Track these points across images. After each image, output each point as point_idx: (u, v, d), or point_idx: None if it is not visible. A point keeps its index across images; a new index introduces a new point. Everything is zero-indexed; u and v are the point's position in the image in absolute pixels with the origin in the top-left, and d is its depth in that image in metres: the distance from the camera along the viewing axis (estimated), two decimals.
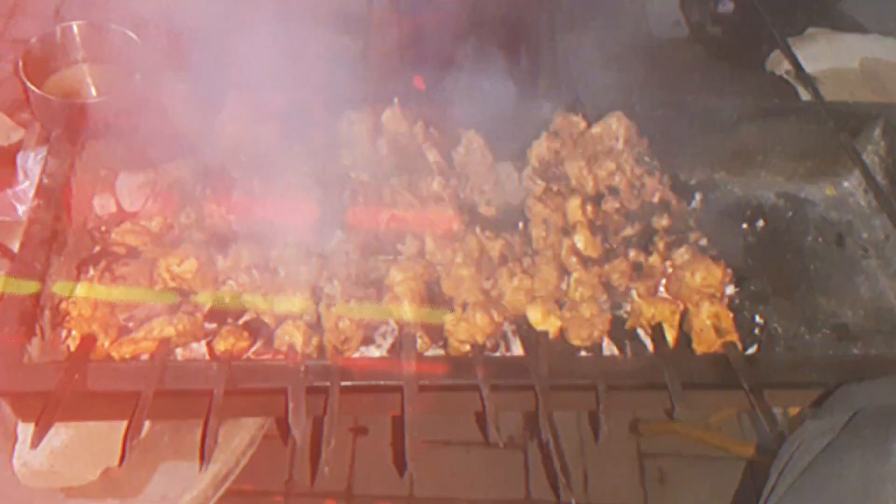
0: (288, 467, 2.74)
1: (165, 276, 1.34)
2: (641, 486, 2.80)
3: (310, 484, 2.25)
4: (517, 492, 2.75)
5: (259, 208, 1.45)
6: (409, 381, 1.27)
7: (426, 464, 3.05)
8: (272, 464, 2.72)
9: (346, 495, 2.70)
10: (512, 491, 2.75)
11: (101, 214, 1.58)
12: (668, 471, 2.85)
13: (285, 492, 2.70)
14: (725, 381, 1.33)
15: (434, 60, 1.67)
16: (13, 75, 2.01)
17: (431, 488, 2.74)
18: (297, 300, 1.34)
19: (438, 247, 1.44)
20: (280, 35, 1.54)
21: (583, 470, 2.82)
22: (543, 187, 1.52)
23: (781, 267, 1.69)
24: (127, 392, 1.23)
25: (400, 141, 1.57)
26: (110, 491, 1.43)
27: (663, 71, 4.03)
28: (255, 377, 1.28)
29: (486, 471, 2.77)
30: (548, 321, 1.37)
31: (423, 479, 2.74)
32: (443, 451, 2.81)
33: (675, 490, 2.80)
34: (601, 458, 2.86)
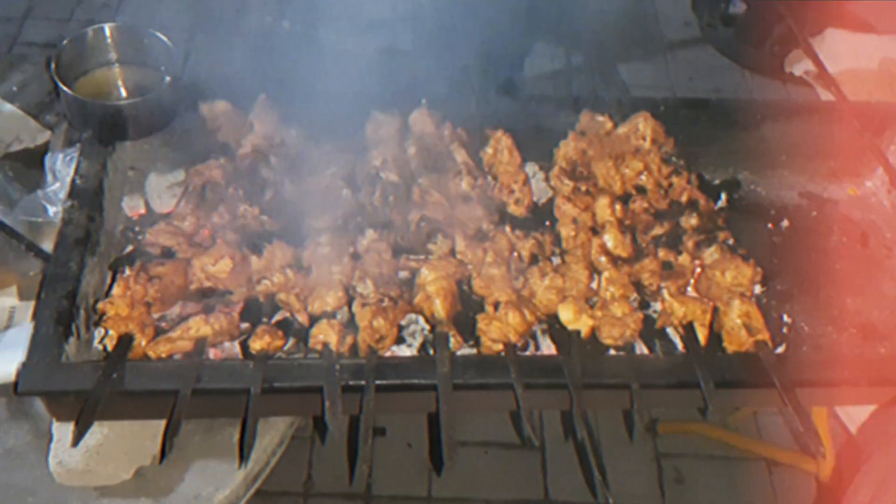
0: (306, 467, 2.75)
1: (200, 275, 1.35)
2: (659, 487, 2.80)
3: (348, 482, 2.25)
4: (535, 492, 2.76)
5: (291, 208, 1.46)
6: (444, 379, 1.27)
7: None
8: (291, 464, 2.73)
9: (364, 496, 2.71)
10: (530, 491, 2.76)
11: (129, 215, 1.60)
12: (685, 471, 2.85)
13: (304, 492, 2.71)
14: (757, 379, 1.34)
15: (463, 61, 1.68)
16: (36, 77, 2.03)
17: (449, 489, 2.75)
18: (330, 299, 1.35)
19: (468, 246, 1.44)
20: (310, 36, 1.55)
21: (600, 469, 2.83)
22: (572, 187, 1.52)
23: (807, 266, 1.69)
24: (165, 391, 1.24)
25: (427, 141, 1.58)
26: (143, 490, 1.44)
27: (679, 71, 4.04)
28: (291, 376, 1.29)
29: (504, 471, 2.77)
30: (580, 320, 1.37)
31: (442, 480, 2.75)
32: (460, 452, 2.82)
33: (692, 490, 2.81)
34: (619, 458, 2.86)
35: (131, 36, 1.60)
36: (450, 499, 2.74)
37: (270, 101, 1.59)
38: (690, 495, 2.79)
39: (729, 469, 2.85)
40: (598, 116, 1.66)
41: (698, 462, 2.87)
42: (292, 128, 1.57)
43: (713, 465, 2.86)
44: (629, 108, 1.70)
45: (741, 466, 2.85)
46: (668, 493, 2.78)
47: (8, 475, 1.41)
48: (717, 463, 2.86)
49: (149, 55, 1.59)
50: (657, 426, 2.93)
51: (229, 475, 1.47)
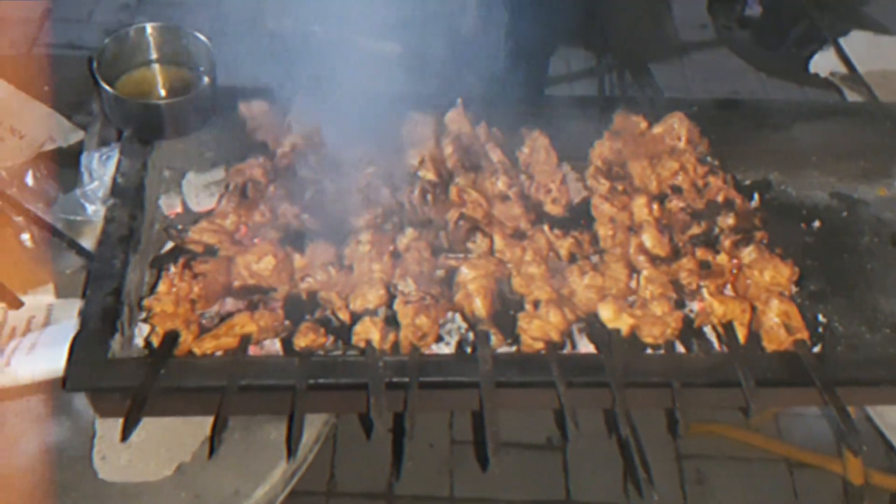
0: (329, 467, 2.76)
1: (244, 273, 1.36)
2: (680, 487, 2.81)
3: (395, 478, 2.26)
4: (556, 493, 2.76)
5: (330, 207, 1.47)
6: (486, 377, 1.28)
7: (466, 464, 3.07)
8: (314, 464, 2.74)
9: (386, 495, 2.72)
10: (551, 492, 2.77)
11: (167, 214, 1.61)
12: (707, 472, 2.86)
13: (327, 492, 2.72)
14: (797, 378, 1.35)
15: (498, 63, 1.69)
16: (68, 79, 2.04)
17: (471, 489, 2.76)
18: (371, 297, 1.36)
19: (507, 245, 1.45)
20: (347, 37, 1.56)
21: (622, 471, 2.83)
22: (608, 186, 1.53)
23: (839, 266, 1.70)
24: (211, 387, 1.25)
25: (464, 141, 1.59)
26: (183, 486, 1.45)
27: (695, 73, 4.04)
28: (335, 372, 1.30)
29: (525, 472, 2.78)
30: (620, 319, 1.38)
31: (463, 480, 2.76)
32: None
33: (713, 491, 2.81)
34: None
35: (171, 36, 1.61)
36: (472, 499, 2.75)
37: (309, 101, 1.60)
38: (711, 496, 2.80)
39: (750, 470, 2.86)
40: (632, 116, 1.67)
41: (720, 463, 2.87)
42: (330, 127, 1.58)
43: (734, 467, 2.86)
44: (662, 108, 1.71)
45: (762, 468, 2.86)
46: (690, 493, 2.79)
47: (49, 471, 1.43)
48: (739, 464, 2.87)
49: (188, 55, 1.60)
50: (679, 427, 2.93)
51: (268, 472, 1.48)
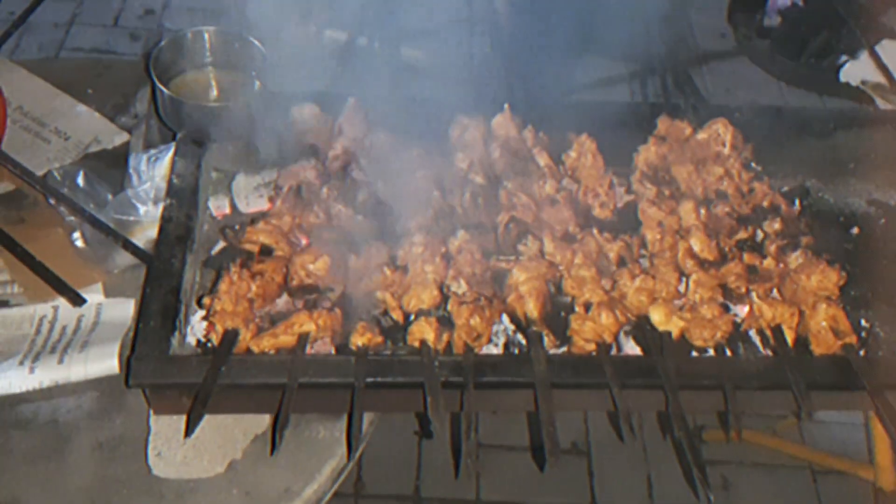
0: (356, 469, 2.78)
1: (301, 273, 1.38)
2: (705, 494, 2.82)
3: (454, 476, 2.27)
4: (582, 497, 2.78)
5: (383, 209, 1.49)
6: (542, 378, 1.30)
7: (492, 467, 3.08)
8: None
9: (413, 498, 2.74)
10: (577, 496, 2.78)
11: (215, 215, 1.63)
12: (732, 478, 2.87)
13: (355, 493, 2.74)
14: (847, 382, 1.36)
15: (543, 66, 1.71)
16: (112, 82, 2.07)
17: (498, 493, 2.77)
18: (425, 297, 1.37)
19: (557, 248, 1.47)
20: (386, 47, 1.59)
21: (646, 475, 2.84)
22: (655, 191, 1.55)
23: (879, 273, 1.71)
24: (272, 385, 1.27)
25: (511, 145, 1.61)
26: (235, 483, 1.46)
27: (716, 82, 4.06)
28: (392, 371, 1.31)
29: (551, 476, 2.79)
30: (671, 322, 1.40)
31: (490, 484, 2.78)
32: (508, 457, 2.85)
33: (738, 497, 2.82)
34: (665, 464, 2.88)
35: (226, 40, 1.64)
36: (498, 502, 2.76)
37: (359, 106, 1.62)
38: (735, 501, 2.81)
39: (774, 477, 2.87)
40: (676, 122, 1.69)
41: (744, 469, 2.88)
42: (380, 132, 1.60)
43: (759, 473, 2.87)
44: (705, 114, 1.73)
45: (786, 474, 2.87)
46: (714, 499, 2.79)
47: (102, 467, 1.44)
48: (763, 470, 2.88)
49: (241, 59, 1.63)
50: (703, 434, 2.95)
51: (318, 469, 1.50)
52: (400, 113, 1.62)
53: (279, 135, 1.64)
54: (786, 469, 2.90)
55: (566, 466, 2.84)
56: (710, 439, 2.94)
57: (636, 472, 2.87)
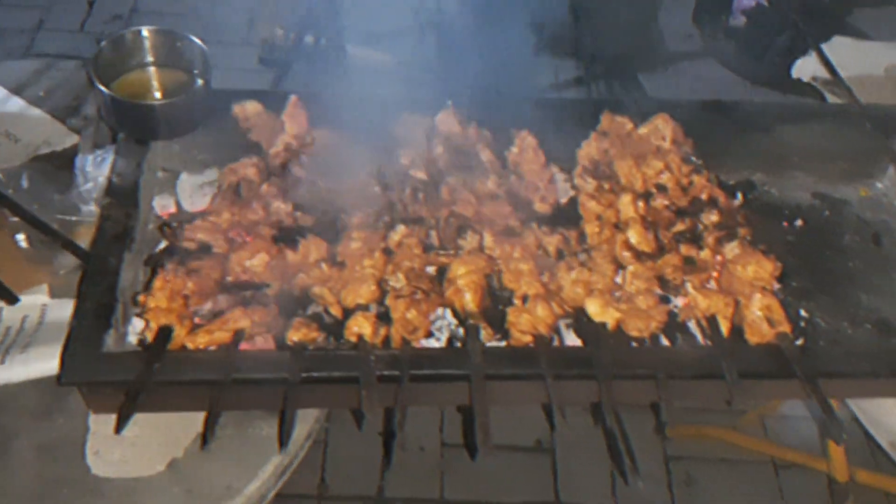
0: (320, 471, 2.77)
1: (237, 269, 1.38)
2: (668, 489, 2.84)
3: (386, 468, 2.28)
4: (546, 494, 2.79)
5: (323, 205, 1.50)
6: (476, 370, 1.30)
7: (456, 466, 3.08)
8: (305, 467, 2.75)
9: (377, 498, 2.73)
10: (540, 494, 2.79)
11: (160, 214, 1.63)
12: (695, 473, 2.89)
13: (318, 495, 2.73)
14: (780, 370, 1.38)
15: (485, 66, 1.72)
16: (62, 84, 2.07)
17: (462, 491, 2.78)
18: (363, 292, 1.38)
19: (497, 242, 1.48)
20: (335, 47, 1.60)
21: (609, 472, 2.86)
22: (595, 185, 1.57)
23: (821, 264, 1.73)
24: (205, 381, 1.27)
25: (454, 141, 1.62)
26: (176, 481, 1.46)
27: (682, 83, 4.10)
28: (328, 366, 1.32)
29: (515, 474, 2.80)
30: (606, 313, 1.41)
31: (454, 483, 2.78)
32: None
33: (702, 493, 2.84)
34: None
35: (167, 39, 1.64)
36: (462, 501, 2.76)
37: (301, 103, 1.63)
38: (700, 497, 2.83)
39: (737, 471, 2.89)
40: (618, 117, 1.70)
41: (708, 465, 2.90)
42: (323, 128, 1.61)
43: (722, 468, 2.89)
44: (647, 110, 1.75)
45: (749, 469, 2.89)
46: (678, 495, 2.81)
47: (45, 468, 1.44)
48: (726, 465, 2.90)
49: (183, 58, 1.63)
50: (666, 430, 2.96)
51: (260, 467, 1.50)
52: (344, 110, 1.63)
53: (222, 133, 1.64)
54: (749, 464, 2.92)
55: (530, 464, 2.85)
56: (674, 435, 2.96)
57: (600, 469, 2.88)
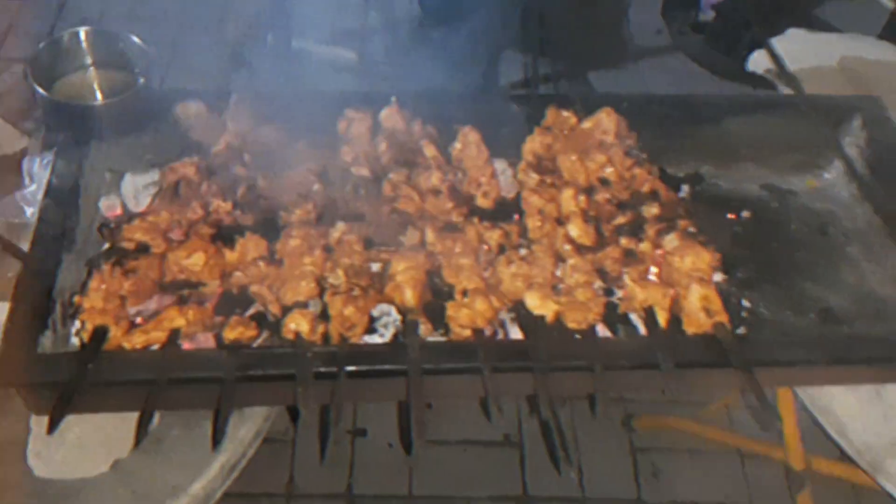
0: (288, 469, 2.78)
1: (174, 269, 1.38)
2: (635, 481, 2.86)
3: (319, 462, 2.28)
4: (514, 488, 2.80)
5: (264, 203, 1.50)
6: (414, 364, 1.31)
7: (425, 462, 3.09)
8: (273, 466, 2.76)
9: (346, 496, 2.74)
10: (509, 487, 2.80)
11: (107, 215, 1.63)
12: (662, 465, 2.91)
13: (286, 493, 2.74)
14: (716, 360, 1.39)
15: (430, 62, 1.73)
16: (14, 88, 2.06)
17: (430, 487, 2.79)
18: (302, 290, 1.38)
19: (438, 237, 1.49)
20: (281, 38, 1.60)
21: (577, 465, 2.87)
22: (538, 180, 1.57)
23: (768, 255, 1.75)
24: (140, 380, 1.27)
25: (398, 138, 1.63)
26: (121, 482, 1.46)
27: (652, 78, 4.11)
28: (264, 364, 1.32)
29: (483, 469, 2.82)
30: (545, 306, 1.42)
31: (422, 479, 2.79)
32: (440, 451, 2.86)
33: (668, 484, 2.86)
34: (595, 453, 2.91)
35: (107, 40, 1.64)
36: (430, 497, 2.78)
37: (244, 101, 1.63)
38: (666, 489, 2.85)
39: (704, 462, 2.91)
40: (563, 112, 1.71)
41: (674, 456, 2.92)
42: (266, 126, 1.61)
43: (689, 459, 2.92)
44: (594, 104, 1.76)
45: (716, 459, 2.91)
46: (645, 486, 2.83)
47: None
48: (693, 456, 2.92)
49: (124, 58, 1.63)
50: (633, 422, 2.98)
51: (206, 466, 1.50)
52: (290, 108, 1.63)
53: (169, 133, 1.64)
54: (715, 454, 2.94)
55: (499, 458, 2.86)
56: (640, 427, 2.98)
57: None
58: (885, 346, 1.46)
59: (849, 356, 1.43)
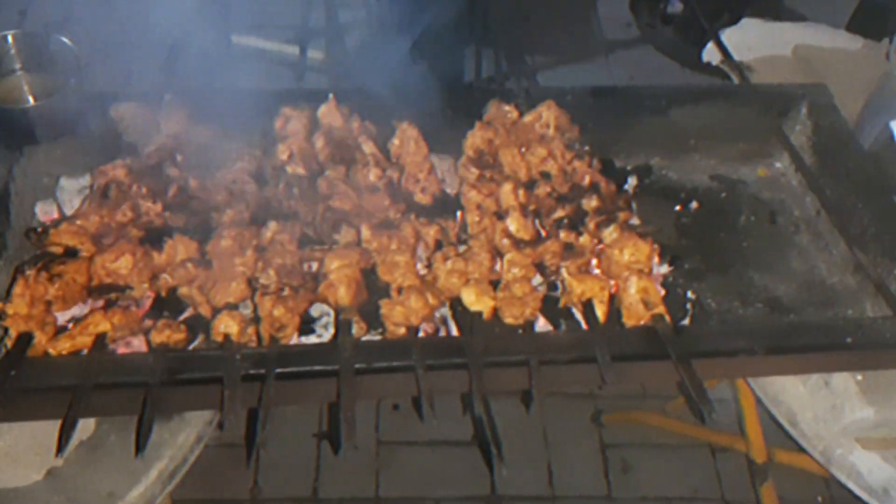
0: (253, 474, 2.75)
1: (101, 272, 1.36)
2: (605, 477, 2.84)
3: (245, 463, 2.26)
4: (482, 488, 2.78)
5: (195, 204, 1.47)
6: (345, 364, 1.29)
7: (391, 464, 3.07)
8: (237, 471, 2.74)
9: (311, 499, 2.72)
10: (477, 488, 2.78)
11: (43, 220, 1.60)
12: (632, 460, 2.90)
13: (251, 498, 2.71)
14: (654, 351, 1.37)
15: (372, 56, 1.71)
16: None
17: (397, 488, 2.77)
18: (232, 291, 1.36)
19: (374, 235, 1.47)
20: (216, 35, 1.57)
21: (546, 463, 2.86)
22: (477, 174, 1.56)
23: (715, 245, 1.73)
24: (63, 387, 1.25)
25: (336, 135, 1.61)
26: (56, 490, 1.44)
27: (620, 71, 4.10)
28: (192, 367, 1.30)
29: (451, 469, 2.80)
30: (481, 301, 1.40)
31: (390, 480, 2.77)
32: (407, 452, 2.84)
33: (638, 479, 2.85)
34: (565, 450, 2.90)
35: (35, 42, 1.61)
36: (398, 498, 2.75)
37: (178, 101, 1.61)
38: (636, 484, 2.83)
39: (674, 456, 2.90)
40: (504, 106, 1.69)
41: (644, 451, 2.91)
42: (200, 126, 1.59)
43: (658, 454, 2.90)
44: (537, 98, 1.74)
45: (686, 453, 2.90)
46: (614, 482, 2.82)
47: None
48: (663, 451, 2.91)
49: (55, 61, 1.60)
50: (602, 418, 2.97)
51: (144, 472, 1.48)
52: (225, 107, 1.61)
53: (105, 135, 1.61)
54: (686, 449, 2.93)
55: (467, 459, 2.84)
56: (609, 423, 2.96)
57: (537, 462, 2.88)
58: (828, 332, 1.45)
59: (789, 344, 1.41)
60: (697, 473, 2.87)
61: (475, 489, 2.79)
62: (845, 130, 1.80)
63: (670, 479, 2.87)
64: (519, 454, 2.88)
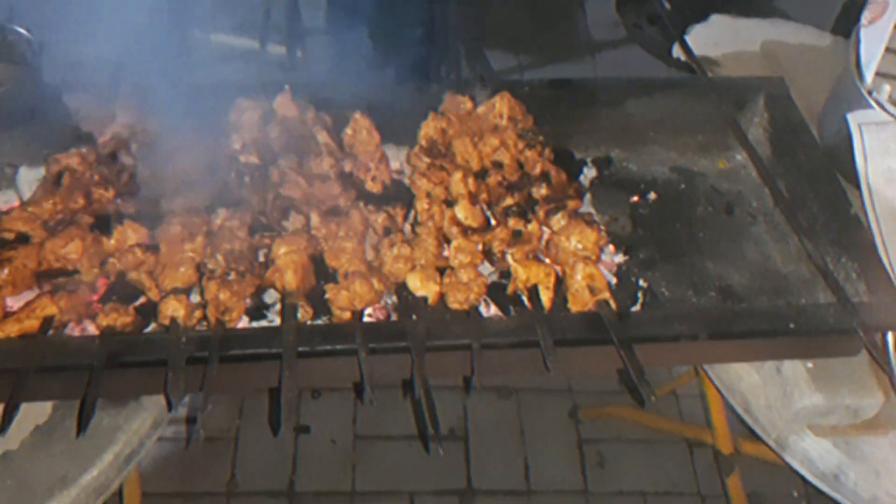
0: (230, 467, 2.77)
1: (50, 258, 1.38)
2: (581, 472, 2.85)
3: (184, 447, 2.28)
4: (458, 482, 2.80)
5: (147, 191, 1.50)
6: (288, 347, 1.31)
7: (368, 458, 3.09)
8: (214, 464, 2.76)
9: (288, 493, 2.74)
10: (453, 482, 2.80)
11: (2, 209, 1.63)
12: (608, 455, 2.91)
13: (227, 492, 2.73)
14: (597, 337, 1.38)
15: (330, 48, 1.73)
16: None
17: (373, 482, 2.78)
18: (180, 276, 1.38)
19: (323, 222, 1.48)
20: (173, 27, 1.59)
21: (523, 458, 2.87)
22: (428, 163, 1.57)
23: (671, 236, 1.75)
24: (5, 369, 1.27)
25: (290, 125, 1.63)
26: (9, 473, 1.45)
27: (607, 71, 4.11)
28: (136, 350, 1.31)
29: (427, 463, 2.82)
30: (426, 287, 1.42)
31: (365, 474, 2.79)
32: (383, 446, 2.86)
33: (614, 474, 2.86)
34: (541, 445, 2.92)
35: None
36: (374, 492, 2.77)
37: (134, 91, 1.63)
38: (612, 478, 2.85)
39: (650, 451, 2.91)
40: (459, 97, 1.71)
41: (620, 445, 2.92)
42: (156, 116, 1.61)
43: (635, 448, 2.92)
44: (494, 90, 1.76)
45: (662, 448, 2.91)
46: (591, 477, 2.83)
47: None
48: (639, 445, 2.92)
49: (11, 50, 1.63)
50: (579, 413, 2.98)
51: (97, 457, 1.49)
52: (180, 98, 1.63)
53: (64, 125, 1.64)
54: (662, 443, 2.95)
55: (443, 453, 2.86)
56: (586, 418, 2.97)
57: (513, 456, 2.90)
58: (771, 319, 1.46)
59: (731, 330, 1.42)
60: (673, 468, 2.89)
61: (451, 483, 2.81)
62: (800, 122, 1.81)
63: (647, 473, 2.88)
64: (495, 448, 2.90)
